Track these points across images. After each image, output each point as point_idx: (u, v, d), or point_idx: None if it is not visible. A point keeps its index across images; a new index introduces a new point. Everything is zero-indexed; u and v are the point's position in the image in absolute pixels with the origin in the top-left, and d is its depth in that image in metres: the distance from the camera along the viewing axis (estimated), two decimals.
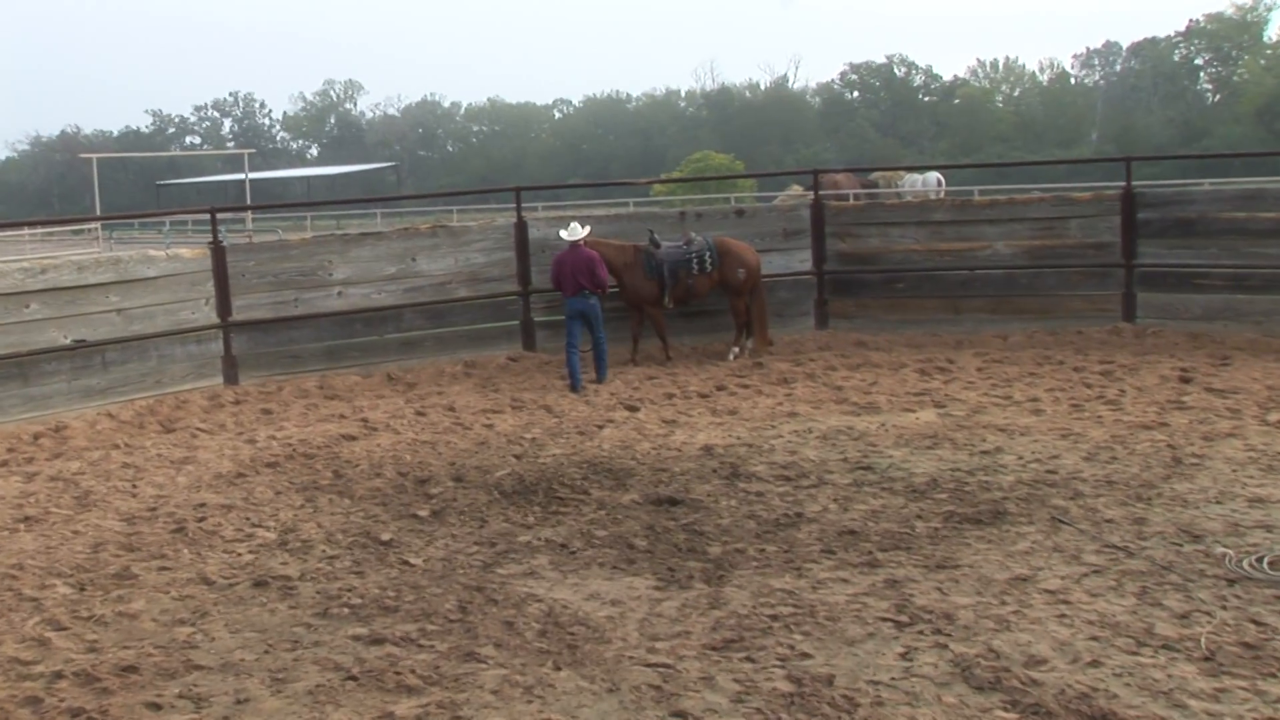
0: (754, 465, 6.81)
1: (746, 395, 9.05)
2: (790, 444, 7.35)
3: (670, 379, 9.81)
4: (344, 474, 6.99)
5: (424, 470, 6.99)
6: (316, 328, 10.27)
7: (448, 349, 10.72)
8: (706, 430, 7.89)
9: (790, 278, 11.48)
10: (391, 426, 8.34)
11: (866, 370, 9.80)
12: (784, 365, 10.12)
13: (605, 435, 7.83)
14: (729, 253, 10.54)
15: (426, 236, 10.76)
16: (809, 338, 11.18)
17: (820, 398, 8.78)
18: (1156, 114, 60.42)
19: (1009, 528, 5.42)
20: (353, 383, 9.99)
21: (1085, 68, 73.89)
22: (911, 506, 5.83)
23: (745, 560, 5.10)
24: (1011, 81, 75.57)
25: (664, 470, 6.77)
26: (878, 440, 7.34)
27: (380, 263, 10.51)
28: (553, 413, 8.65)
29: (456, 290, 10.79)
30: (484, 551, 5.40)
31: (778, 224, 11.49)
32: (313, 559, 5.40)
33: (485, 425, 8.31)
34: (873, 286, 11.43)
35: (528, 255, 10.94)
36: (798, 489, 6.26)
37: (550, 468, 6.89)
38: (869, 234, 11.40)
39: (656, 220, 11.39)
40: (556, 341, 10.99)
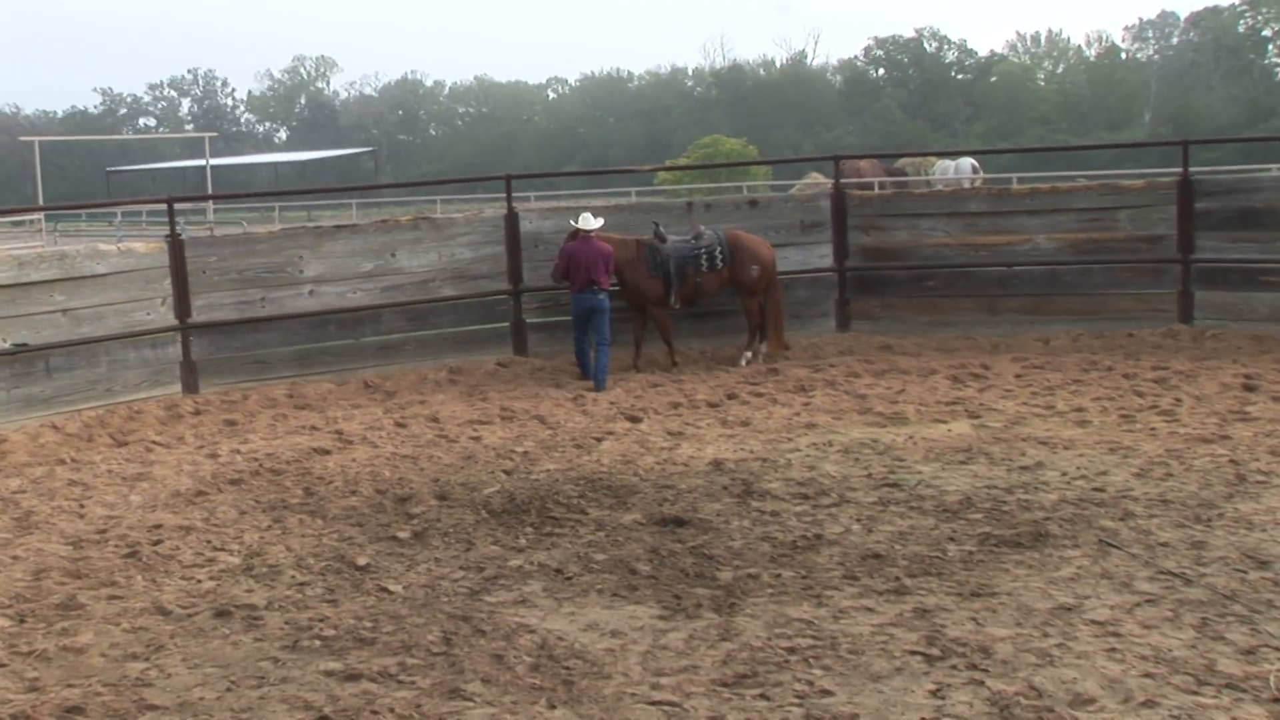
0: (768, 482, 6.81)
1: (760, 404, 9.06)
2: (809, 458, 7.35)
3: (676, 387, 9.82)
4: (316, 492, 7.01)
5: (404, 488, 7.00)
6: (285, 330, 10.30)
7: (431, 353, 10.75)
8: (716, 443, 7.89)
9: (808, 275, 11.50)
10: (368, 439, 8.35)
11: (893, 377, 9.80)
12: (801, 371, 10.13)
13: (604, 449, 7.84)
14: (741, 247, 10.56)
15: (407, 229, 10.79)
16: (829, 341, 11.19)
17: (841, 407, 8.79)
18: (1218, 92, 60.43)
19: (1052, 552, 5.42)
20: (325, 391, 10.02)
21: (1137, 41, 73.99)
22: (943, 528, 5.83)
23: (759, 587, 5.11)
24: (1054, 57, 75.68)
25: (669, 487, 6.78)
26: (905, 454, 7.34)
27: (356, 258, 10.54)
28: (547, 424, 8.66)
29: (440, 289, 10.82)
30: (471, 577, 5.40)
31: (795, 216, 11.51)
32: (281, 586, 5.41)
33: (472, 438, 8.32)
34: (900, 285, 11.45)
35: (519, 250, 10.97)
36: (817, 508, 6.26)
37: (544, 485, 6.90)
38: (896, 227, 11.42)
39: (661, 212, 11.41)
40: (551, 345, 11.02)
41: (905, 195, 12.63)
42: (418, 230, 10.79)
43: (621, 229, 10.72)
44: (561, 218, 11.17)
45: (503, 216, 11.06)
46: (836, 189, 11.74)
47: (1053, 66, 75.08)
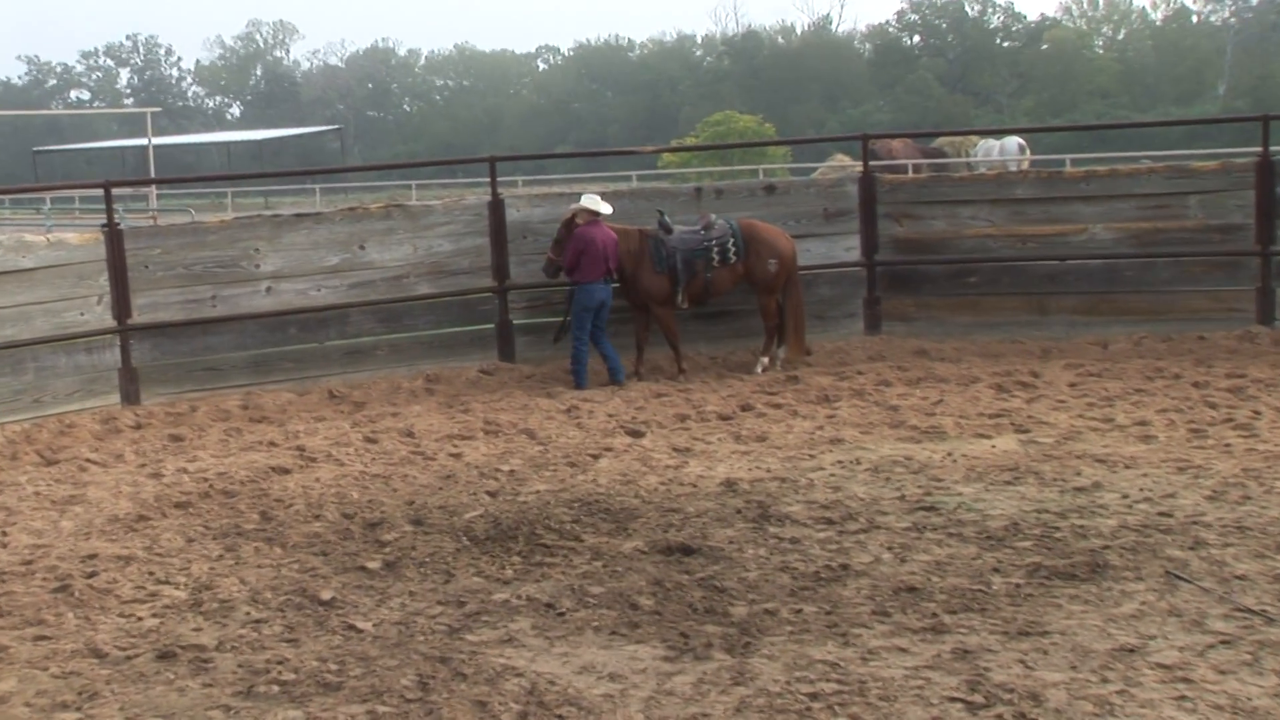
0: (788, 505, 6.82)
1: (778, 417, 9.07)
2: (833, 478, 7.36)
3: (683, 397, 9.84)
4: (274, 516, 7.02)
5: (375, 511, 7.01)
6: (239, 332, 10.34)
7: (405, 359, 10.77)
8: (728, 461, 7.90)
9: (833, 270, 11.52)
10: (334, 456, 8.37)
11: (929, 386, 9.81)
12: (825, 379, 10.15)
13: (602, 467, 7.85)
14: (757, 239, 10.59)
15: (378, 219, 10.82)
16: (856, 345, 11.21)
17: (871, 420, 8.80)
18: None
19: (1111, 585, 5.42)
20: (285, 401, 10.03)
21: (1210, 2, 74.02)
22: (986, 557, 5.83)
23: (777, 624, 5.11)
24: (1115, 21, 75.78)
25: (675, 511, 6.79)
26: (943, 474, 7.35)
27: (320, 251, 10.57)
28: (536, 439, 8.67)
29: (416, 286, 10.85)
30: (450, 613, 5.41)
31: (817, 203, 11.54)
32: (234, 624, 5.41)
33: (452, 454, 8.33)
34: (937, 281, 11.47)
35: (505, 242, 11.00)
36: (843, 535, 6.27)
37: (533, 508, 6.91)
38: (933, 215, 11.45)
39: (666, 198, 11.45)
40: (540, 350, 11.04)
41: (943, 179, 12.66)
42: (390, 219, 10.83)
43: (621, 219, 10.74)
44: (554, 205, 11.20)
45: (486, 204, 11.09)
46: (865, 172, 11.77)
47: (1112, 32, 75.19)
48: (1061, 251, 11.19)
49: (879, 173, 12.81)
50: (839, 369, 10.57)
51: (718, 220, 10.61)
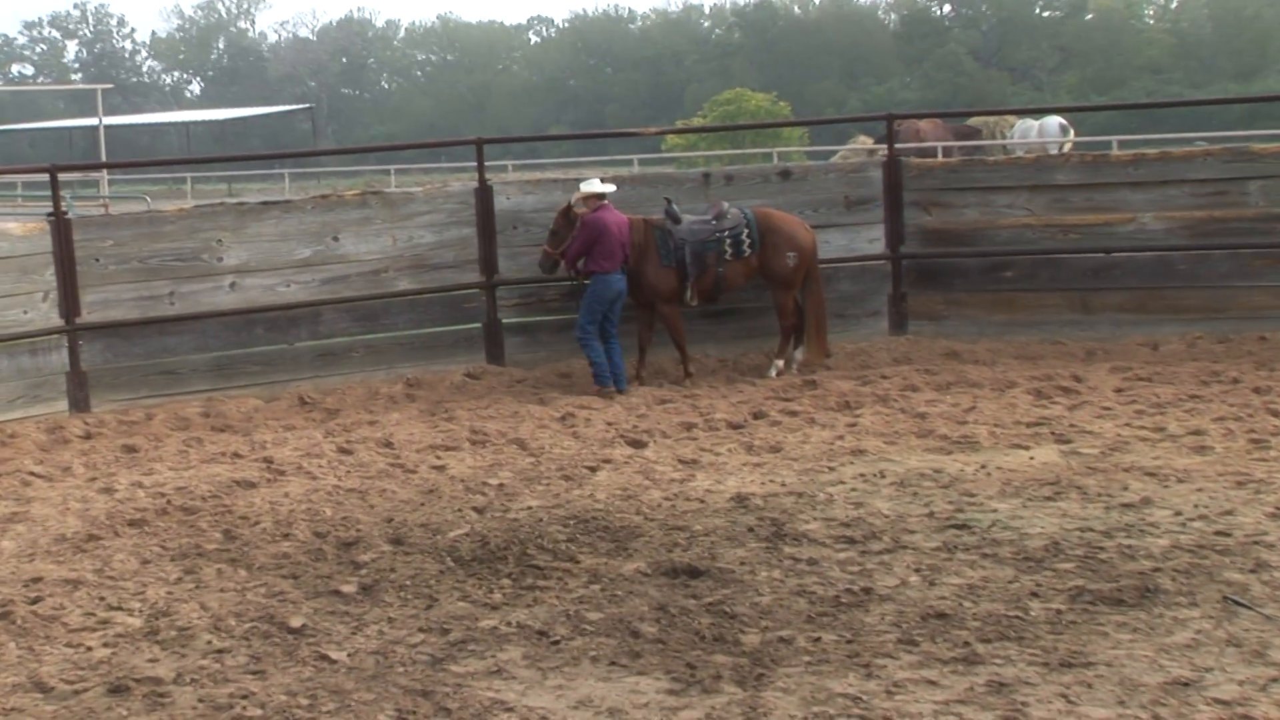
0: (805, 522, 6.83)
1: (794, 426, 9.07)
2: (855, 493, 7.36)
3: (690, 403, 9.84)
4: (238, 535, 7.02)
5: (350, 529, 7.02)
6: (200, 332, 10.35)
7: (383, 362, 10.78)
8: (739, 474, 7.91)
9: (855, 264, 11.53)
10: (305, 469, 8.37)
11: (960, 391, 9.82)
12: (846, 384, 10.15)
13: (600, 481, 7.85)
14: (774, 230, 10.59)
15: (353, 207, 10.84)
16: (880, 346, 11.21)
17: (896, 429, 8.80)
18: None
19: (1163, 611, 5.42)
20: (251, 409, 10.05)
21: None
22: (1024, 580, 5.83)
23: (793, 654, 5.11)
24: None
25: (680, 529, 6.79)
26: (976, 488, 7.35)
27: (289, 243, 10.59)
28: (528, 450, 8.67)
29: (395, 281, 10.86)
30: (433, 642, 5.41)
31: (838, 190, 11.55)
32: (194, 654, 5.42)
33: (435, 467, 8.34)
34: (969, 275, 11.48)
35: (493, 233, 11.01)
36: (865, 555, 6.27)
37: (524, 526, 6.91)
38: (965, 203, 11.45)
39: (671, 185, 11.46)
40: (533, 351, 11.05)
41: (977, 164, 12.67)
42: (366, 208, 10.84)
43: (622, 207, 10.71)
44: (547, 192, 11.21)
45: (473, 191, 11.10)
46: (890, 156, 11.77)
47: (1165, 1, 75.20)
48: (1107, 243, 11.19)
49: (905, 156, 12.82)
50: (861, 373, 10.56)
51: (730, 209, 10.60)
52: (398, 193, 11.52)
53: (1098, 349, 10.82)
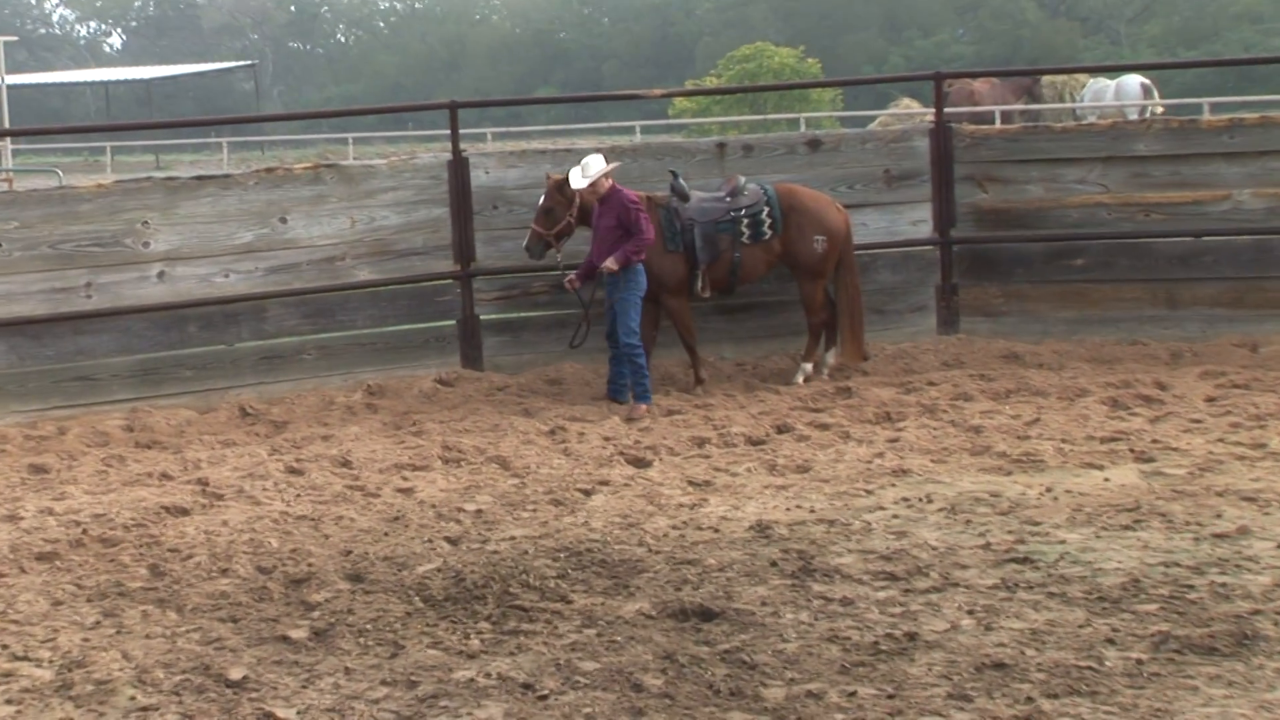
0: (837, 555, 6.83)
1: (825, 441, 9.08)
2: (897, 521, 7.36)
3: (702, 414, 9.84)
4: (168, 571, 7.02)
5: (300, 564, 7.02)
6: (123, 331, 10.36)
7: (339, 365, 10.79)
8: (760, 498, 7.91)
9: (897, 250, 11.54)
10: (247, 493, 8.37)
11: (1022, 400, 9.82)
12: (886, 392, 10.15)
13: (596, 506, 7.85)
14: (800, 209, 10.59)
15: (304, 182, 10.84)
16: (927, 347, 11.21)
17: (946, 445, 8.81)
18: None
19: (1263, 662, 5.41)
20: (183, 421, 10.05)
21: None
22: (1098, 625, 5.83)
23: (824, 711, 5.11)
24: None
25: (690, 563, 6.79)
26: (1041, 515, 7.35)
27: (228, 225, 10.59)
28: (510, 469, 8.68)
29: (353, 270, 10.86)
30: (398, 696, 5.41)
31: (876, 162, 11.56)
32: (114, 712, 5.41)
33: (400, 490, 8.34)
34: (1032, 264, 11.48)
35: (470, 213, 11.01)
36: (909, 594, 6.27)
37: (506, 559, 6.91)
38: (1027, 177, 11.45)
39: (680, 156, 11.45)
40: (516, 352, 11.05)
41: (1041, 131, 12.62)
42: (320, 184, 10.85)
43: (621, 183, 10.68)
44: (533, 165, 11.20)
45: (445, 163, 11.10)
46: (939, 122, 11.77)
47: None
48: (1197, 225, 11.19)
49: (957, 122, 12.81)
50: (904, 378, 10.57)
51: (747, 184, 10.59)
52: (357, 166, 11.50)
53: (1185, 350, 10.83)
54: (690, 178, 10.83)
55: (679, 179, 10.56)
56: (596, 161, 9.98)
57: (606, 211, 10.04)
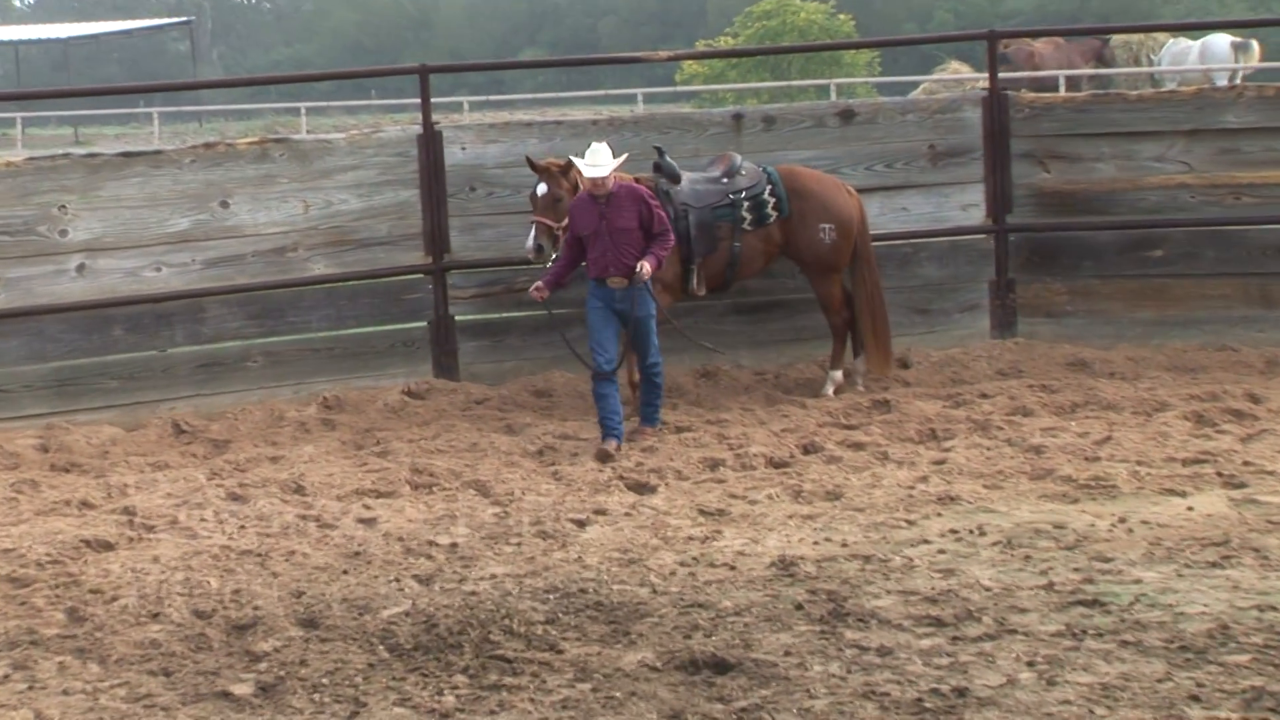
0: (874, 597, 6.82)
1: (859, 463, 9.08)
2: (944, 556, 7.37)
3: (715, 432, 9.84)
4: (89, 616, 7.01)
5: (244, 607, 7.01)
6: (36, 334, 10.37)
7: (291, 375, 10.81)
8: (783, 530, 7.91)
9: (944, 239, 11.55)
10: (182, 524, 8.36)
11: (1091, 415, 9.82)
12: (931, 405, 10.15)
13: (591, 539, 7.85)
14: (803, 193, 10.53)
15: (249, 160, 10.85)
16: (979, 352, 11.22)
17: (1001, 468, 8.81)
18: None
19: None
20: (107, 439, 10.05)
21: None
22: (1180, 679, 5.82)
23: None
24: None
25: (702, 606, 6.78)
26: (1113, 550, 7.34)
27: (160, 210, 10.60)
28: (491, 496, 8.67)
29: (307, 263, 10.87)
30: None
31: (919, 136, 11.57)
32: None
33: (362, 521, 8.33)
34: (1102, 255, 11.48)
35: (444, 196, 11.01)
36: (958, 643, 6.27)
37: (486, 602, 6.91)
38: (1096, 154, 11.46)
39: (689, 130, 11.42)
40: (496, 360, 11.05)
41: (1113, 99, 12.59)
42: (267, 161, 10.85)
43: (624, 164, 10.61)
44: (517, 139, 11.19)
45: (415, 138, 11.11)
46: (993, 89, 11.77)
47: None
48: None
49: (1014, 89, 12.81)
50: (952, 389, 10.57)
51: (742, 162, 10.52)
52: (310, 141, 11.51)
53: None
54: (701, 154, 10.82)
55: (666, 157, 10.44)
56: (604, 151, 9.67)
57: (618, 208, 9.64)
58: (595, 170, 9.55)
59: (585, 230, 9.68)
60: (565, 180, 10.11)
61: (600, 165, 9.54)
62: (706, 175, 10.55)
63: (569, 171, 10.10)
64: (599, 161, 9.58)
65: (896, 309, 11.02)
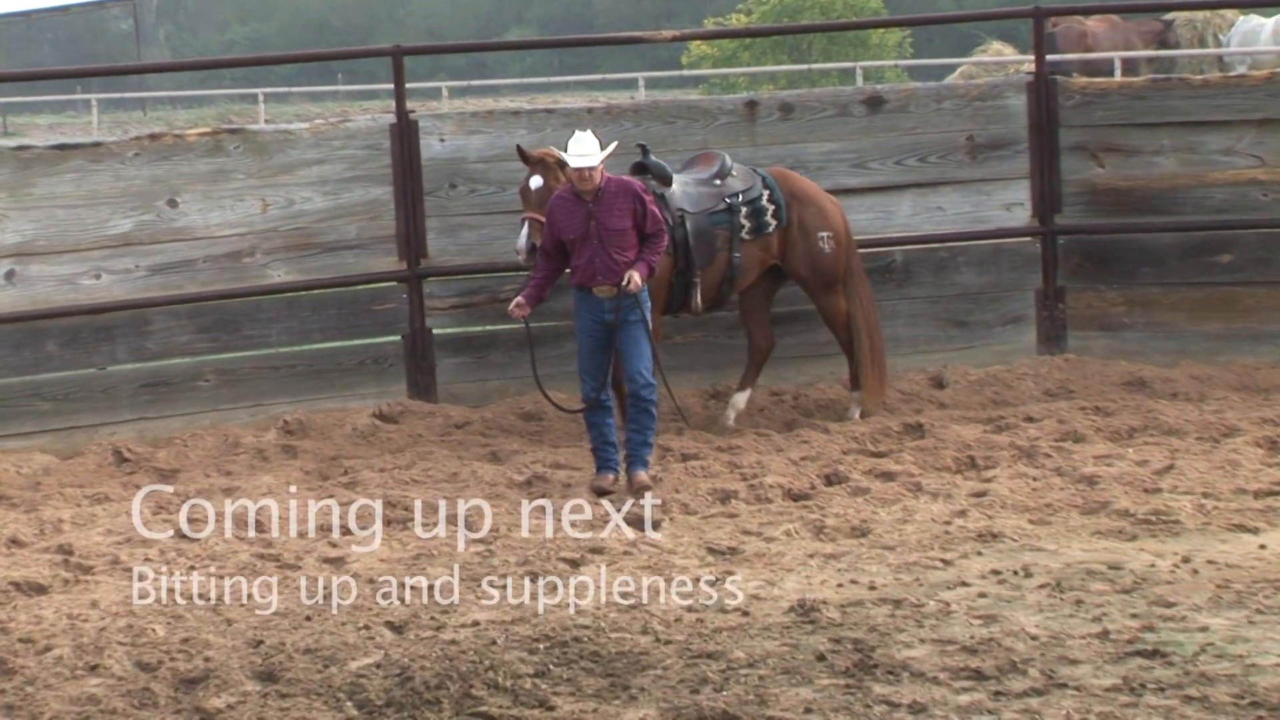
0: (906, 646, 6.82)
1: (889, 494, 9.08)
2: (985, 601, 7.37)
3: (726, 460, 9.83)
4: (18, 668, 7.00)
5: (195, 658, 7.00)
6: None
7: (247, 395, 10.81)
8: (803, 571, 7.91)
9: (984, 242, 11.57)
10: (124, 564, 8.35)
11: (1150, 441, 9.84)
12: (970, 430, 10.15)
13: (586, 581, 7.85)
14: (801, 198, 10.48)
15: (201, 153, 10.85)
16: (1025, 370, 11.23)
17: (1049, 500, 8.81)
18: None
19: None
20: (39, 469, 10.06)
21: None
22: None
23: None
24: None
25: (711, 657, 6.78)
26: (1176, 594, 7.34)
27: (99, 209, 10.60)
28: (473, 531, 8.67)
29: (266, 270, 10.88)
30: None
31: (955, 126, 11.59)
32: None
33: (327, 560, 8.34)
34: (1164, 260, 11.49)
35: (420, 194, 11.01)
36: (1001, 699, 6.27)
37: (468, 652, 6.90)
38: (1156, 146, 11.46)
39: (696, 119, 11.42)
40: (479, 378, 11.05)
41: (1175, 84, 12.60)
42: (221, 154, 10.86)
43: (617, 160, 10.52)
44: (503, 129, 11.19)
45: (387, 128, 11.11)
46: (1039, 74, 11.77)
47: None
48: None
49: (1064, 73, 12.81)
50: (994, 412, 10.58)
51: (731, 164, 10.37)
52: (270, 131, 11.53)
53: None
54: (710, 146, 10.79)
55: (651, 155, 10.35)
56: (589, 139, 9.43)
57: (609, 205, 9.43)
58: (583, 159, 9.33)
59: (570, 233, 9.43)
60: (561, 172, 9.90)
61: (588, 154, 9.34)
62: (696, 176, 10.43)
63: (564, 164, 9.81)
64: (585, 150, 9.38)
65: (931, 321, 11.07)
